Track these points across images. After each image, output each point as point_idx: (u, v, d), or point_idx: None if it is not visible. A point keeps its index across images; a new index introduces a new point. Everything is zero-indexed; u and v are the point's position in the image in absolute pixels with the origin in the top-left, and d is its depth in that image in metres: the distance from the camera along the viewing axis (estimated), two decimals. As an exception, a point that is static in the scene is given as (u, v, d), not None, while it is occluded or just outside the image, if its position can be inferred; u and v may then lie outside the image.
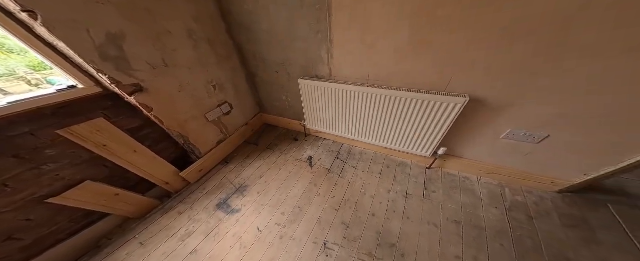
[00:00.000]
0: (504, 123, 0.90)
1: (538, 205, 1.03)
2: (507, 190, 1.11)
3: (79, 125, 0.78)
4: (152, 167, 1.07)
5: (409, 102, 0.95)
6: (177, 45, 0.96)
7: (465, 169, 1.18)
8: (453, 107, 0.86)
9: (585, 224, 0.94)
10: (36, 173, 0.74)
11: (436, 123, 0.96)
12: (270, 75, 1.33)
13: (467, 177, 1.20)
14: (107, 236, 1.03)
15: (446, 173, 1.23)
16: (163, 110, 0.99)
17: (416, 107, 0.95)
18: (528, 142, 0.91)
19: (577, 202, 1.02)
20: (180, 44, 0.97)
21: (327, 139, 1.60)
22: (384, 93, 0.97)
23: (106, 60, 0.76)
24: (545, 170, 0.98)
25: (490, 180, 1.16)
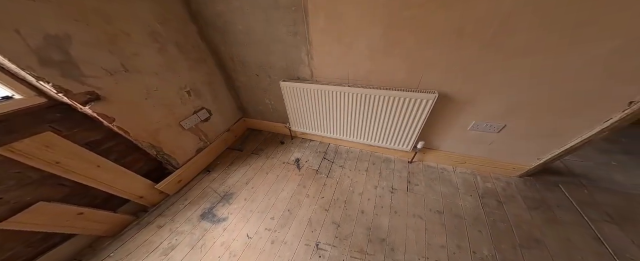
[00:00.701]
0: (468, 116, 0.95)
1: (505, 190, 1.10)
2: (479, 177, 1.17)
3: (21, 141, 0.67)
4: (121, 181, 0.96)
5: (386, 100, 0.96)
6: (138, 48, 0.86)
7: (442, 160, 1.23)
8: (425, 102, 0.90)
9: (545, 204, 1.01)
10: (-30, 200, 0.63)
11: (412, 119, 0.99)
12: (250, 78, 1.26)
13: (444, 168, 1.24)
14: (75, 257, 0.93)
15: (426, 166, 1.26)
16: (128, 119, 0.89)
17: (393, 104, 0.97)
18: (490, 131, 0.97)
19: (535, 185, 1.10)
20: (142, 47, 0.87)
21: (314, 140, 1.57)
22: (363, 92, 0.97)
23: (48, 66, 0.65)
24: (507, 156, 1.05)
25: (464, 170, 1.21)
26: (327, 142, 1.52)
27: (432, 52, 0.79)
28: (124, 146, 0.96)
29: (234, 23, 1.00)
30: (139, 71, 0.88)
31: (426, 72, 0.86)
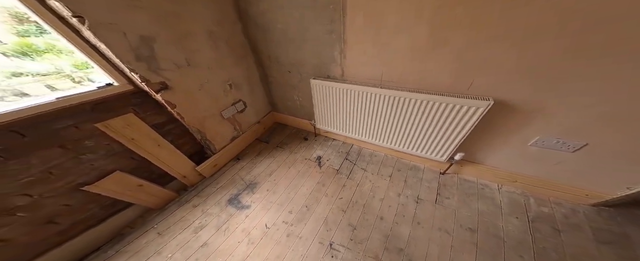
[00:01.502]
0: (533, 130, 0.83)
1: (568, 217, 0.96)
2: (532, 199, 1.04)
3: (113, 120, 0.87)
4: (172, 160, 1.15)
5: (425, 105, 0.92)
6: (199, 45, 1.04)
7: (485, 176, 1.13)
8: (474, 110, 0.82)
9: (625, 240, 0.86)
10: (76, 162, 0.83)
11: (454, 128, 0.92)
12: (282, 74, 1.39)
13: (486, 184, 1.15)
14: (129, 225, 1.12)
15: (462, 180, 1.19)
16: (185, 107, 1.07)
17: (432, 109, 0.92)
18: (561, 150, 0.83)
19: (615, 218, 0.93)
20: (201, 44, 1.05)
21: (337, 140, 1.62)
22: (397, 94, 0.96)
23: (139, 60, 0.84)
24: (579, 181, 0.90)
25: (513, 189, 1.10)
26: (350, 142, 1.57)
27: (491, 52, 0.71)
28: (178, 130, 1.15)
29: (275, 21, 1.09)
30: (197, 65, 1.06)
31: (479, 75, 0.78)
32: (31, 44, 0.81)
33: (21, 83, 0.79)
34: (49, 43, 0.85)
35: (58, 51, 0.87)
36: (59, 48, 0.87)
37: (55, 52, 0.86)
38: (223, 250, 1.00)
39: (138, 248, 1.02)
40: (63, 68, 0.89)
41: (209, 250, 1.01)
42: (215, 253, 0.99)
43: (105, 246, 1.03)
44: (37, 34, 0.85)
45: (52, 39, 0.85)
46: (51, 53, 0.85)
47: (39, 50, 0.82)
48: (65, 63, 0.89)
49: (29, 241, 0.81)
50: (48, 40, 0.84)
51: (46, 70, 0.85)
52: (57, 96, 0.74)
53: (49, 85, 0.85)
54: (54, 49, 0.85)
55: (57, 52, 0.86)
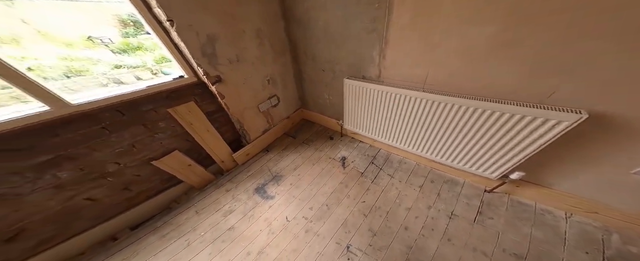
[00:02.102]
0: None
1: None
2: (616, 236, 0.91)
3: (180, 106, 1.07)
4: (215, 145, 1.33)
5: (481, 114, 0.82)
6: (247, 43, 1.20)
7: (549, 201, 0.99)
8: (553, 124, 0.69)
9: None
10: (151, 140, 1.04)
11: (519, 143, 0.80)
12: (316, 72, 1.50)
13: (549, 210, 1.02)
14: (176, 200, 1.32)
15: (515, 201, 1.08)
16: (231, 98, 1.25)
17: (491, 120, 0.80)
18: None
19: None
20: (249, 42, 1.21)
21: (364, 142, 1.63)
22: (447, 100, 0.89)
23: (204, 57, 1.02)
24: None
25: (589, 221, 0.96)
26: (377, 146, 1.55)
27: (588, 53, 0.59)
28: (223, 119, 1.34)
29: (316, 19, 1.17)
30: (244, 61, 1.23)
31: (567, 81, 0.66)
32: (129, 43, 1.06)
33: (119, 74, 1.05)
34: (140, 42, 1.11)
35: (145, 49, 1.12)
36: (146, 46, 1.12)
37: (143, 50, 1.11)
38: (246, 236, 1.11)
39: (179, 223, 1.19)
40: (146, 62, 1.13)
41: (234, 233, 1.12)
42: (239, 237, 1.10)
43: (156, 216, 1.24)
44: (133, 35, 1.11)
45: (143, 39, 1.10)
46: (141, 50, 1.10)
47: (133, 47, 1.08)
48: (149, 58, 1.15)
49: (108, 203, 1.03)
50: (140, 40, 1.09)
51: (136, 64, 1.10)
52: (147, 84, 0.95)
53: (137, 75, 1.10)
54: (143, 47, 1.11)
55: (144, 50, 1.11)
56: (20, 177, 0.74)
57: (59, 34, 0.85)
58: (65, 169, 0.83)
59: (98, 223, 1.03)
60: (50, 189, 0.82)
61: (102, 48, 1.03)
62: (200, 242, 1.08)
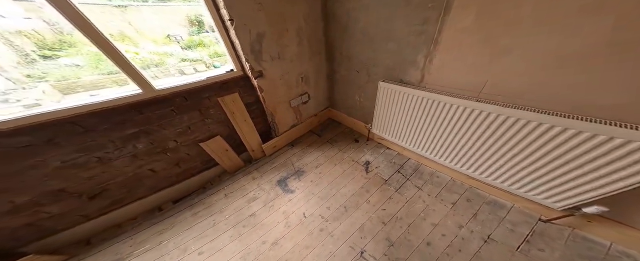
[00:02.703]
0: None
1: None
2: None
3: (227, 96, 1.25)
4: (249, 134, 1.50)
5: (563, 133, 0.70)
6: (289, 41, 1.33)
7: (634, 244, 0.86)
8: None
9: None
10: (202, 124, 1.24)
11: (612, 173, 0.67)
12: (350, 73, 1.55)
13: (630, 254, 0.87)
14: (210, 181, 1.52)
15: (580, 237, 0.95)
16: (268, 92, 1.39)
17: (573, 141, 0.69)
18: None
19: None
20: (291, 40, 1.33)
21: (391, 149, 1.61)
22: (516, 115, 0.78)
23: (252, 53, 1.18)
24: None
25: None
26: (407, 155, 1.52)
27: None
28: (258, 110, 1.50)
29: (358, 20, 1.20)
30: (284, 59, 1.36)
31: None
32: (193, 40, 1.30)
33: (183, 66, 1.28)
34: (200, 39, 1.34)
35: (204, 45, 1.35)
36: (205, 43, 1.35)
37: (202, 46, 1.34)
38: (264, 224, 1.20)
39: (210, 203, 1.37)
40: (203, 57, 1.36)
41: (255, 220, 1.23)
42: (259, 225, 1.20)
43: (193, 193, 1.44)
44: (196, 34, 1.36)
45: (202, 37, 1.34)
46: (200, 46, 1.33)
47: (195, 44, 1.31)
48: (205, 53, 1.38)
49: (163, 176, 1.26)
50: (201, 37, 1.33)
51: (195, 58, 1.33)
52: (207, 75, 1.15)
53: (195, 67, 1.33)
54: (202, 44, 1.34)
55: (203, 46, 1.35)
56: (113, 145, 0.98)
57: (149, 33, 1.09)
58: (141, 142, 1.06)
59: (152, 193, 1.26)
60: (129, 157, 1.06)
61: (175, 44, 1.27)
62: (224, 224, 1.22)
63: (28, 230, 0.94)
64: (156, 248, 1.11)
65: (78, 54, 0.85)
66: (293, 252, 1.04)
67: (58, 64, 0.92)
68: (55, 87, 0.93)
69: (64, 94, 0.93)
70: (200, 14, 1.03)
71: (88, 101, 0.86)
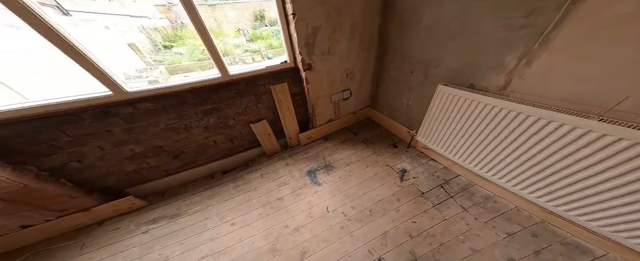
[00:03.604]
0: None
1: None
2: None
3: (278, 85, 1.39)
4: (290, 122, 1.64)
5: None
6: (341, 37, 1.34)
7: None
8: None
9: None
10: (254, 108, 1.44)
11: None
12: (401, 73, 1.46)
13: None
14: (251, 160, 1.75)
15: None
16: (313, 85, 1.46)
17: None
18: None
19: None
20: (343, 35, 1.34)
21: (436, 161, 1.47)
22: None
23: (306, 46, 1.26)
24: None
25: None
26: (456, 171, 1.35)
27: None
28: (301, 101, 1.61)
29: (422, 15, 1.12)
30: (333, 53, 1.40)
31: None
32: (255, 32, 1.51)
33: (245, 56, 1.51)
34: (260, 32, 1.54)
35: (262, 38, 1.55)
36: (263, 36, 1.55)
37: (261, 39, 1.54)
38: (289, 210, 1.28)
39: (248, 180, 1.55)
40: (260, 48, 1.56)
41: (281, 204, 1.32)
42: (284, 210, 1.29)
43: (237, 168, 1.68)
44: (257, 27, 1.58)
45: (262, 31, 1.53)
46: (260, 39, 1.53)
47: (257, 37, 1.52)
48: (262, 45, 1.58)
49: (220, 148, 1.53)
50: (260, 31, 1.52)
51: (255, 49, 1.54)
52: (266, 65, 1.31)
53: (253, 58, 1.55)
54: (261, 36, 1.54)
55: (262, 39, 1.55)
56: (195, 116, 1.25)
57: (226, 27, 1.32)
58: (212, 117, 1.31)
59: (210, 161, 1.54)
60: (202, 128, 1.33)
61: (242, 37, 1.51)
62: (257, 201, 1.37)
63: (133, 176, 1.31)
64: (203, 210, 1.34)
65: (183, 45, 1.16)
66: (311, 242, 1.10)
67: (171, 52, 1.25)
68: (167, 69, 1.28)
69: (170, 74, 1.28)
70: (264, 9, 1.18)
71: (189, 80, 1.12)
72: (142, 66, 1.20)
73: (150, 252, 1.14)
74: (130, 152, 1.19)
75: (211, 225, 1.25)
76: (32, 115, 0.87)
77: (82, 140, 1.03)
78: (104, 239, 1.22)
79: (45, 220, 1.08)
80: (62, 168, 1.06)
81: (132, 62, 2.73)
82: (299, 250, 1.07)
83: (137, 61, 2.92)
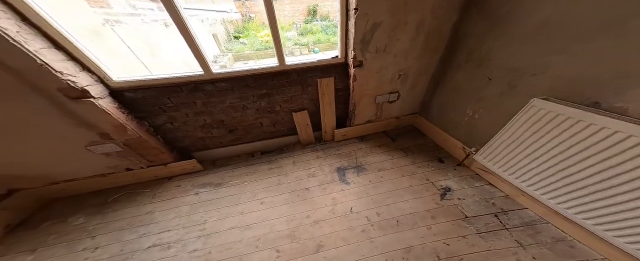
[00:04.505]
0: None
1: None
2: None
3: (324, 79, 1.42)
4: (328, 117, 1.67)
5: None
6: (402, 35, 1.23)
7: None
8: None
9: None
10: (299, 98, 1.53)
11: None
12: (473, 80, 1.23)
13: None
14: (287, 146, 1.87)
15: None
16: (360, 83, 1.42)
17: None
18: None
19: None
20: (405, 34, 1.23)
21: (495, 187, 1.25)
22: None
23: (361, 42, 1.22)
24: None
25: None
26: (523, 203, 1.12)
27: None
28: (343, 97, 1.60)
29: (531, 11, 0.88)
30: (389, 52, 1.30)
31: None
32: (306, 27, 1.59)
33: (294, 49, 1.62)
34: (311, 27, 1.60)
35: (312, 32, 1.62)
36: (313, 30, 1.62)
37: (311, 33, 1.61)
38: (313, 202, 1.31)
39: (281, 165, 1.67)
40: (309, 42, 1.64)
41: (307, 195, 1.38)
42: (309, 200, 1.33)
43: (274, 152, 1.83)
44: (309, 22, 1.65)
45: (312, 25, 1.59)
46: (309, 33, 1.61)
47: (307, 31, 1.59)
48: (311, 39, 1.65)
49: (264, 130, 1.70)
50: (311, 25, 1.58)
51: (304, 42, 1.63)
52: (318, 58, 1.37)
53: (300, 51, 1.64)
54: (311, 31, 1.61)
55: (311, 33, 1.62)
56: (252, 98, 1.44)
57: (282, 20, 1.44)
58: (264, 101, 1.47)
59: (254, 141, 1.74)
60: (254, 110, 1.52)
61: (294, 30, 1.62)
62: (286, 187, 1.46)
63: (200, 142, 1.61)
64: (240, 185, 1.50)
65: (247, 36, 1.36)
66: (329, 238, 1.12)
67: (238, 42, 1.50)
68: (233, 57, 1.54)
69: (235, 61, 1.53)
70: (317, 4, 1.21)
71: (255, 66, 1.28)
72: (217, 53, 1.53)
73: (195, 213, 1.32)
74: (203, 121, 1.49)
75: (244, 200, 1.39)
76: (153, 85, 1.20)
77: (177, 107, 1.34)
78: (168, 193, 1.47)
79: (140, 166, 1.47)
80: (161, 127, 1.41)
81: (212, 50, 3.53)
82: (315, 242, 1.11)
83: (215, 49, 3.89)
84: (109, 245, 1.19)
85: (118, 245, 1.19)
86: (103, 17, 1.72)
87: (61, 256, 1.15)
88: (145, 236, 1.22)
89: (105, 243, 1.20)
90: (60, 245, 1.21)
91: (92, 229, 1.29)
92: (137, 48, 1.86)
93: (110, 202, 1.46)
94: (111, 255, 1.14)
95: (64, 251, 1.17)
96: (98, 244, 1.20)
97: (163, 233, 1.23)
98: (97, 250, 1.17)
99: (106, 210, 1.41)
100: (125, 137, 1.25)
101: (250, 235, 1.18)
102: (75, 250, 1.18)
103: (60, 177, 1.38)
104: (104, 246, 1.19)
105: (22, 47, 0.82)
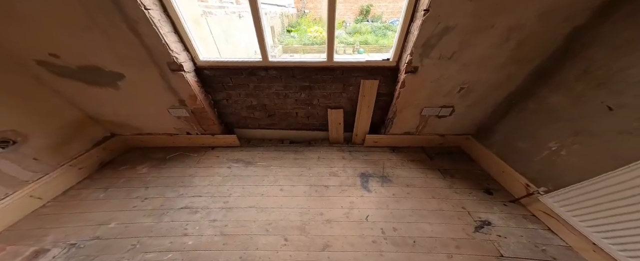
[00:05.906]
0: None
1: None
2: None
3: (368, 81, 1.32)
4: (363, 120, 1.58)
5: None
6: (481, 41, 1.01)
7: None
8: None
9: None
10: (338, 95, 1.48)
11: None
12: (583, 105, 0.94)
13: None
14: (315, 140, 1.88)
15: None
16: (408, 90, 1.27)
17: None
18: None
19: None
20: (485, 40, 1.01)
21: (557, 235, 1.05)
22: None
23: (424, 47, 1.06)
24: None
25: None
26: (589, 259, 0.89)
27: None
28: (384, 103, 1.48)
29: None
30: (456, 60, 1.10)
31: None
32: (355, 26, 1.49)
33: (338, 47, 1.55)
34: (360, 27, 1.50)
35: (360, 33, 1.52)
36: (362, 30, 1.51)
37: (359, 33, 1.51)
38: (330, 201, 1.30)
39: (306, 158, 1.68)
40: (355, 42, 1.54)
41: (325, 192, 1.36)
42: (326, 198, 1.32)
43: (302, 143, 1.86)
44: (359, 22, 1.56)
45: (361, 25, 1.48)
46: (357, 34, 1.50)
47: (356, 31, 1.50)
48: (358, 39, 1.56)
49: (297, 121, 1.72)
50: (360, 25, 1.48)
51: (350, 42, 1.54)
52: (367, 58, 1.28)
53: (345, 50, 1.56)
54: (360, 31, 1.51)
55: (358, 34, 1.52)
56: (294, 88, 1.46)
57: None
58: (304, 93, 1.49)
59: (287, 129, 1.79)
60: (293, 100, 1.55)
61: (342, 29, 1.53)
62: (306, 179, 1.48)
63: (242, 121, 1.76)
64: (266, 167, 1.57)
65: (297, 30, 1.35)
66: (337, 239, 1.10)
67: (289, 35, 1.50)
68: (283, 49, 1.55)
69: (283, 52, 1.55)
70: (371, 4, 1.11)
71: (305, 59, 1.31)
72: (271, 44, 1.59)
73: (224, 185, 1.42)
74: (250, 102, 1.61)
75: (266, 183, 1.45)
76: (225, 66, 1.36)
77: (234, 87, 1.49)
78: (208, 161, 1.61)
79: (196, 133, 1.71)
80: (219, 102, 1.60)
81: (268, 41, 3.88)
82: (323, 240, 1.11)
83: (270, 40, 4.18)
84: (154, 198, 1.33)
85: (160, 200, 1.32)
86: (203, 9, 2.08)
87: (120, 199, 1.33)
88: (181, 198, 1.34)
89: (152, 196, 1.35)
90: (124, 188, 1.41)
91: (148, 180, 1.48)
92: (217, 35, 2.11)
93: (168, 159, 1.68)
94: (153, 208, 1.27)
95: (124, 195, 1.36)
96: (148, 195, 1.36)
97: (195, 197, 1.34)
98: (145, 201, 1.32)
99: (163, 165, 1.61)
100: (194, 106, 1.47)
101: (265, 218, 1.23)
102: (130, 196, 1.35)
103: (146, 130, 1.70)
104: (150, 198, 1.34)
105: (158, 31, 1.04)
